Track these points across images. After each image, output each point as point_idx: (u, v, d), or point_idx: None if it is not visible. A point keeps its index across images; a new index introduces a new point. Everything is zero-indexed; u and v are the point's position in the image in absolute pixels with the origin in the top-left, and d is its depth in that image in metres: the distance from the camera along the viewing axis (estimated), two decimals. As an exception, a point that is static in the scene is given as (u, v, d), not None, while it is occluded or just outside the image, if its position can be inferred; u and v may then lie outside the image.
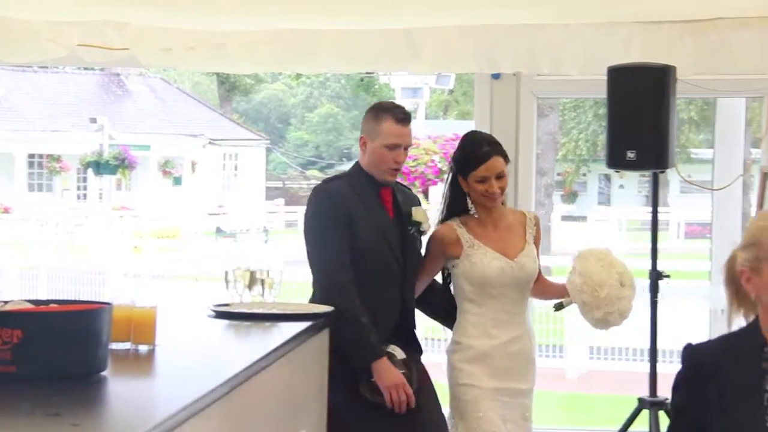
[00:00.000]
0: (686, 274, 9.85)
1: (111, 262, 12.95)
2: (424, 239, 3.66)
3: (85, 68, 24.86)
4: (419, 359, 3.62)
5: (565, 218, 26.25)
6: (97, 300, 3.13)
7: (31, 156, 27.16)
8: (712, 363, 2.03)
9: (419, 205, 3.71)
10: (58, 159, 25.71)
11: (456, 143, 3.80)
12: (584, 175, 32.83)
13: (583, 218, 26.40)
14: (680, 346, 2.33)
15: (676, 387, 2.15)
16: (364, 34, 5.13)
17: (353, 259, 3.37)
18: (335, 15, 4.92)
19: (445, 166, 18.39)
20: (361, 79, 28.55)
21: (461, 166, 3.49)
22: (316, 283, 3.55)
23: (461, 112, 32.14)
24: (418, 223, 3.55)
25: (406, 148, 3.45)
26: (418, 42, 5.02)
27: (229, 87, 35.30)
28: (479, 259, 3.47)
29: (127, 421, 2.36)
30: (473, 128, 5.22)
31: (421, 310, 3.83)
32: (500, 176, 3.42)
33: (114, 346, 2.79)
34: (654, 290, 4.43)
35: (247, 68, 6.11)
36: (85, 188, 27.06)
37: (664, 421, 4.29)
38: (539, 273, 3.69)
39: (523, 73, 4.99)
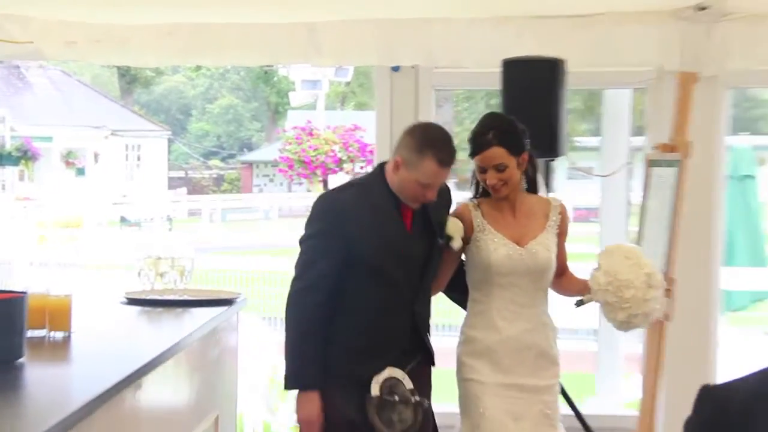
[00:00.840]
0: (575, 255, 10.27)
1: (16, 251, 12.67)
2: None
3: (-16, 61, 24.07)
4: (428, 369, 3.33)
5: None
6: (5, 289, 3.03)
7: (-67, 149, 26.21)
8: (742, 410, 1.64)
9: (450, 204, 3.33)
10: (-41, 151, 24.88)
11: (355, 134, 3.78)
12: (478, 163, 33.69)
13: (477, 205, 27.24)
14: (576, 325, 2.28)
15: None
16: (267, 28, 5.15)
17: (358, 273, 3.05)
18: (239, 8, 4.93)
19: (345, 155, 18.48)
20: (265, 72, 28.41)
21: (469, 150, 3.23)
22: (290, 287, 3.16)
23: (359, 103, 32.25)
24: (450, 238, 3.18)
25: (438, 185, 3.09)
26: (320, 35, 5.02)
27: (129, 79, 34.95)
28: (486, 245, 3.19)
29: (44, 407, 2.33)
30: (373, 119, 5.55)
31: (450, 295, 3.60)
32: (500, 168, 3.10)
33: (30, 333, 2.76)
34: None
35: (152, 62, 6.10)
36: (-13, 180, 26.25)
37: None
38: (566, 267, 3.40)
39: (421, 65, 5.01)
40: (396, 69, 5.08)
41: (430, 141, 2.98)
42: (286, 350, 3.04)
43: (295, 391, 3.06)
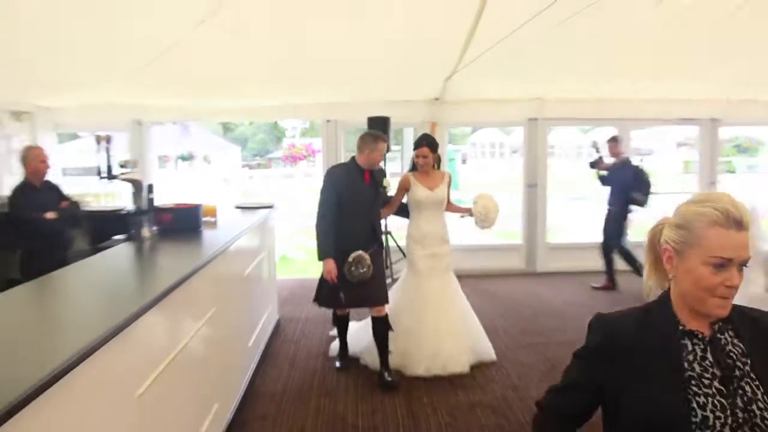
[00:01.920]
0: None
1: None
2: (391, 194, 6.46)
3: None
4: (380, 252, 6.07)
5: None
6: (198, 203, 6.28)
7: None
8: (627, 336, 1.93)
9: (385, 174, 6.26)
10: None
11: (312, 146, 8.31)
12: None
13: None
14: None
15: (581, 356, 2.05)
16: (273, 106, 10.29)
17: (343, 204, 5.74)
18: (265, 99, 9.93)
19: (307, 154, 28.44)
20: (275, 122, 35.99)
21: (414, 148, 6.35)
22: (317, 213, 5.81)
23: (311, 134, 39.32)
24: (384, 187, 6.11)
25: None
26: (297, 108, 10.26)
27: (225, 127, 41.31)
28: (417, 192, 6.30)
29: (209, 243, 7.17)
30: (319, 141, 9.95)
31: (398, 215, 6.61)
32: (425, 156, 6.25)
33: (204, 219, 6.17)
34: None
35: (227, 119, 11.62)
36: None
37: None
38: (449, 201, 6.45)
39: (338, 120, 10.48)
40: (328, 121, 10.30)
41: (376, 136, 5.86)
42: (317, 242, 5.76)
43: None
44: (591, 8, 5.55)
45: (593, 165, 9.51)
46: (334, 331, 6.72)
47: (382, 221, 6.93)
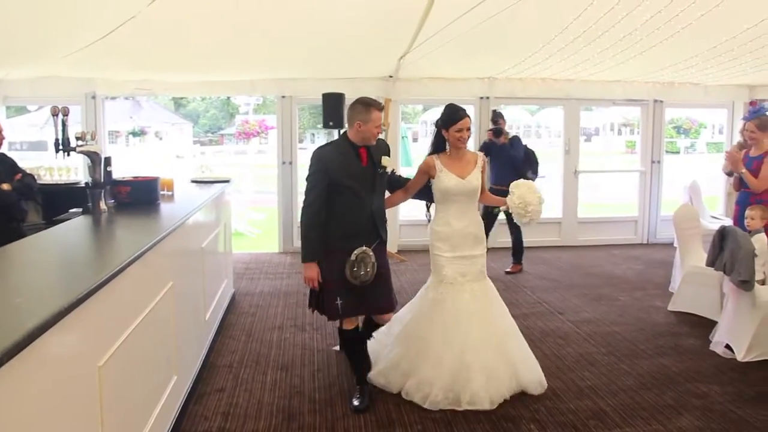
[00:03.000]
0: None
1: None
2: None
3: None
4: (383, 248, 4.85)
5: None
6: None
7: None
8: None
9: (388, 152, 4.87)
10: None
11: (265, 122, 7.90)
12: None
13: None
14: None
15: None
16: (228, 82, 10.25)
17: (336, 192, 4.63)
18: (220, 73, 9.87)
19: (261, 130, 28.22)
20: (228, 98, 35.57)
21: (446, 122, 4.96)
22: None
23: (266, 110, 38.67)
24: (384, 167, 4.78)
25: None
26: (254, 84, 10.19)
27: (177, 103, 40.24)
28: (444, 179, 4.97)
29: (168, 216, 6.69)
30: (273, 118, 9.81)
31: (416, 198, 5.32)
32: (468, 128, 4.95)
33: (161, 192, 6.01)
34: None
35: (181, 94, 11.64)
36: None
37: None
38: (485, 190, 5.19)
39: (294, 95, 10.37)
40: (283, 97, 10.29)
41: (368, 103, 4.61)
42: (301, 239, 4.75)
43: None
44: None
45: (497, 134, 9.01)
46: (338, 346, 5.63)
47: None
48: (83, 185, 5.64)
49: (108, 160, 5.29)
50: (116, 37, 6.61)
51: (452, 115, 4.93)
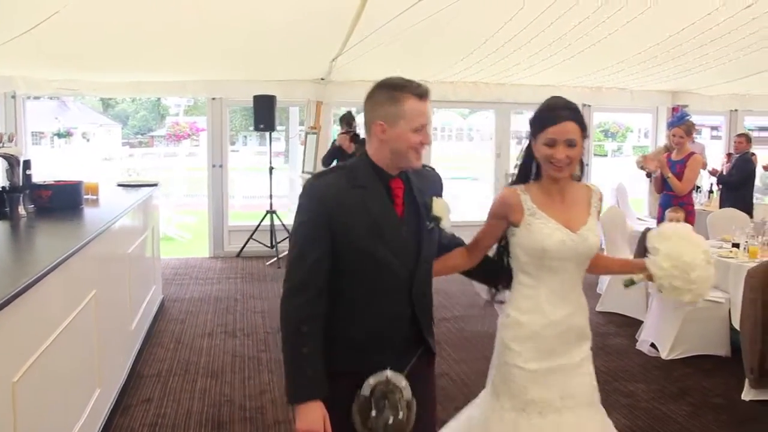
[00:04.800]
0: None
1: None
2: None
3: None
4: (429, 366, 2.67)
5: None
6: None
7: None
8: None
9: (441, 187, 2.72)
10: None
11: (196, 124, 7.44)
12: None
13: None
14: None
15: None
16: (162, 82, 10.03)
17: (349, 262, 2.41)
18: (150, 74, 9.82)
19: (192, 132, 27.20)
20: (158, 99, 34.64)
21: (532, 127, 2.77)
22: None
23: (197, 112, 38.25)
24: (438, 219, 2.56)
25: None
26: (186, 85, 10.17)
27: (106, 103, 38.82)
28: (539, 229, 2.74)
29: (96, 218, 6.26)
30: (204, 119, 9.52)
31: (474, 277, 3.06)
32: (571, 144, 2.66)
33: (85, 196, 5.93)
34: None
35: (115, 95, 11.57)
36: None
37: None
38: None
39: (224, 97, 10.22)
40: (213, 99, 10.14)
41: (395, 85, 2.41)
42: (284, 358, 2.42)
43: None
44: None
45: (356, 139, 8.50)
46: None
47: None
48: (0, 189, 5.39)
49: (27, 163, 5.09)
50: (38, 33, 6.36)
51: (543, 116, 2.74)
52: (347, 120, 8.78)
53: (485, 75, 9.69)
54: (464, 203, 14.71)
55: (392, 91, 2.40)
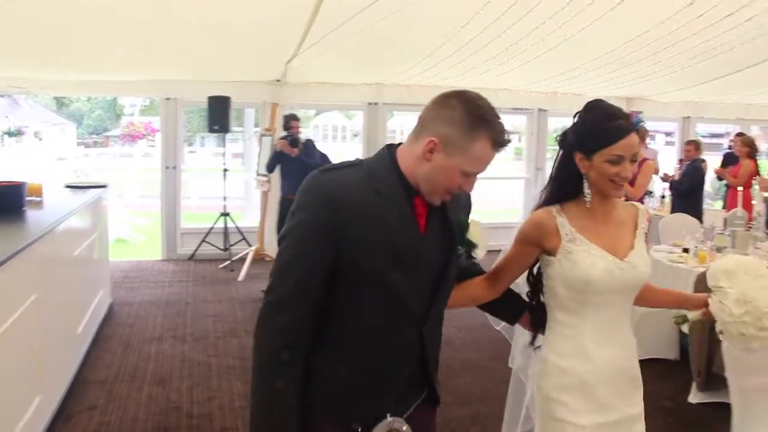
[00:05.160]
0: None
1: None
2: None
3: None
4: (431, 414, 2.23)
5: None
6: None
7: None
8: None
9: (470, 207, 2.26)
10: None
11: (151, 125, 7.16)
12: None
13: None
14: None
15: None
16: (120, 82, 9.81)
17: (353, 284, 1.95)
18: (110, 75, 9.74)
19: (147, 132, 26.97)
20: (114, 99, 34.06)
21: (587, 141, 2.30)
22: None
23: (152, 113, 37.72)
24: (473, 246, 2.17)
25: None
26: (139, 84, 10.07)
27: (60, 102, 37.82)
28: (582, 258, 2.31)
29: (39, 219, 7.03)
30: (157, 120, 9.58)
31: (494, 313, 2.63)
32: (635, 159, 2.30)
33: (28, 198, 5.66)
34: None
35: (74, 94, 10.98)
36: None
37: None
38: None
39: (178, 97, 9.93)
40: (168, 99, 9.95)
41: (483, 116, 1.94)
42: (252, 397, 1.98)
43: None
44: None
45: (294, 143, 8.08)
46: None
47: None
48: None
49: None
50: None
51: (604, 129, 2.30)
52: (286, 122, 8.46)
53: (441, 78, 9.68)
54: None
55: (473, 120, 1.93)
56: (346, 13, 6.25)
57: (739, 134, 10.31)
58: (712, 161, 11.16)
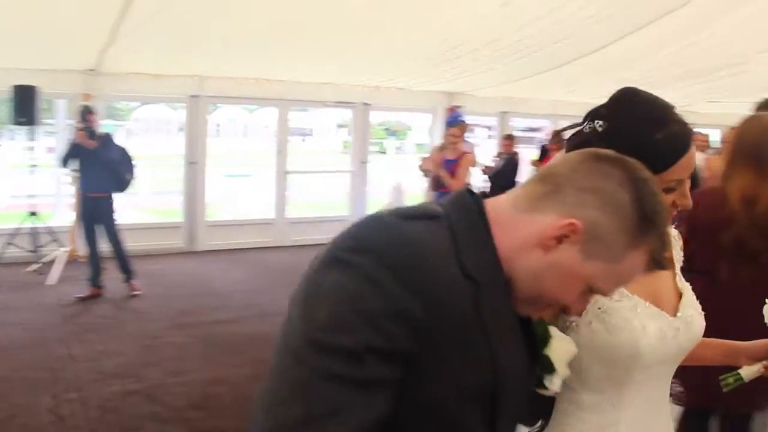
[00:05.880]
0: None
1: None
2: None
3: None
4: None
5: None
6: None
7: None
8: None
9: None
10: None
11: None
12: None
13: None
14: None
15: None
16: None
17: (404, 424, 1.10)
18: None
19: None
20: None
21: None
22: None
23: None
24: (548, 368, 1.38)
25: None
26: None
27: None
28: (625, 319, 1.49)
29: None
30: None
31: None
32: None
33: None
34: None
35: None
36: None
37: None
38: None
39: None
40: None
41: (655, 217, 1.17)
42: None
43: None
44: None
45: (92, 135, 7.54)
46: None
47: None
48: None
49: None
50: None
51: (675, 144, 1.46)
52: (82, 114, 7.74)
53: (268, 70, 9.58)
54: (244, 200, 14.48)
55: (643, 219, 1.14)
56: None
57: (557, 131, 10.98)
58: (527, 153, 11.79)
